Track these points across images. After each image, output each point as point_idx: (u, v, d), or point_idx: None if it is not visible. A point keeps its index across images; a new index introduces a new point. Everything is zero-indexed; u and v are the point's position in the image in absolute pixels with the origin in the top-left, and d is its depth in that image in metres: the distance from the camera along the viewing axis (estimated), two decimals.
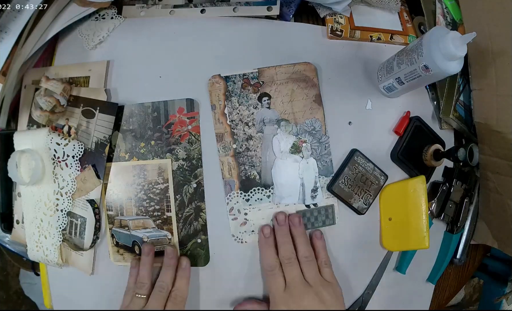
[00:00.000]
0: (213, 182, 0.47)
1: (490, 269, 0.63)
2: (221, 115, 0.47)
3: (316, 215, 0.47)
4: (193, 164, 0.47)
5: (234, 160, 0.47)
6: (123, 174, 0.47)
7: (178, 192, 0.47)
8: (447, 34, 0.36)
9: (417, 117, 0.49)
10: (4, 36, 0.42)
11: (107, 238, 0.48)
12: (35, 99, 0.45)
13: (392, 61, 0.44)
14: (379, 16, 0.51)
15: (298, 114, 0.47)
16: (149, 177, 0.47)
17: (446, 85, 0.49)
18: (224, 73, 0.47)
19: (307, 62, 0.47)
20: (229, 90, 0.47)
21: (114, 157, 0.47)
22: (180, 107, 0.47)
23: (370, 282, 0.49)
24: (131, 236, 0.47)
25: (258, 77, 0.47)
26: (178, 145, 0.47)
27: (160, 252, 0.46)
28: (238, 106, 0.47)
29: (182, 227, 0.47)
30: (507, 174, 0.46)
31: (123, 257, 0.48)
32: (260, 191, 0.47)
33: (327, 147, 0.47)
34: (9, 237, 0.52)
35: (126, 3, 0.51)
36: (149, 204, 0.47)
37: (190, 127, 0.47)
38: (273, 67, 0.47)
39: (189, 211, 0.47)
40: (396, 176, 0.49)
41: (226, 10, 0.49)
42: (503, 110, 0.45)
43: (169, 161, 0.46)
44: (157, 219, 0.47)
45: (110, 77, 0.48)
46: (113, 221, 0.47)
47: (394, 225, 0.48)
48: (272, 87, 0.47)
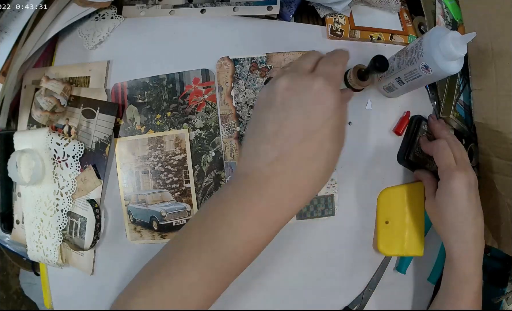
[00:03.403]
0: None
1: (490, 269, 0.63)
2: (227, 97, 0.47)
3: (315, 204, 0.47)
4: (210, 133, 0.47)
5: (237, 142, 0.47)
6: (139, 147, 0.47)
7: (196, 162, 0.46)
8: (447, 34, 0.36)
9: (418, 116, 0.49)
10: (4, 36, 0.42)
11: (123, 216, 0.47)
12: (35, 99, 0.45)
13: (392, 61, 0.44)
14: (379, 16, 0.51)
15: None
16: (166, 148, 0.47)
17: (446, 85, 0.49)
18: (232, 56, 0.47)
19: (316, 51, 0.47)
20: (236, 72, 0.47)
21: (130, 130, 0.47)
22: (195, 77, 0.47)
23: (370, 279, 0.49)
24: (149, 211, 0.47)
25: (266, 62, 0.48)
26: (195, 115, 0.47)
27: (180, 226, 0.46)
28: (245, 89, 0.47)
29: (202, 197, 0.46)
30: (507, 174, 0.46)
31: (141, 234, 0.47)
32: None
33: None
34: (9, 237, 0.52)
35: (126, 3, 0.51)
36: (166, 176, 0.47)
37: (207, 97, 0.47)
38: (282, 53, 0.48)
39: (208, 180, 0.47)
40: (398, 176, 0.49)
41: (226, 10, 0.49)
42: (503, 110, 0.45)
43: (186, 131, 0.46)
44: (176, 191, 0.47)
45: (110, 77, 0.48)
46: (130, 197, 0.47)
47: (391, 229, 0.48)
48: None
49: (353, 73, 0.46)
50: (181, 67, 0.48)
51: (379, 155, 0.49)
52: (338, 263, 0.48)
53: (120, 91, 0.48)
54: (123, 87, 0.48)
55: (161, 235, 0.47)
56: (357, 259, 0.49)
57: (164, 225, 0.46)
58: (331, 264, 0.48)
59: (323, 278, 0.48)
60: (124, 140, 0.47)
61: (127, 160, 0.47)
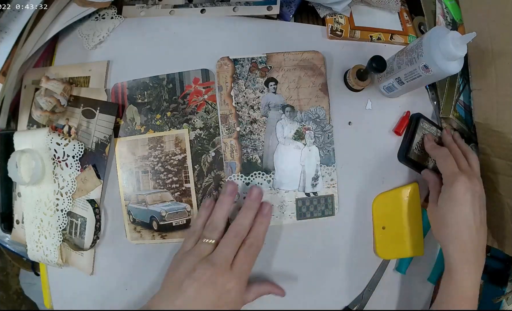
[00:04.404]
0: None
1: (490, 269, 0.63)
2: (227, 97, 0.47)
3: (315, 204, 0.47)
4: (210, 133, 0.47)
5: (237, 142, 0.47)
6: (139, 147, 0.47)
7: (196, 162, 0.46)
8: (447, 34, 0.36)
9: (418, 114, 0.49)
10: (4, 36, 0.42)
11: (123, 216, 0.47)
12: (35, 99, 0.45)
13: (392, 61, 0.44)
14: (379, 16, 0.51)
15: (304, 101, 0.47)
16: (166, 148, 0.47)
17: (446, 85, 0.49)
18: (232, 56, 0.47)
19: (315, 51, 0.48)
20: (236, 72, 0.47)
21: (130, 130, 0.47)
22: (195, 77, 0.47)
23: (370, 279, 0.49)
24: (149, 211, 0.47)
25: (266, 62, 0.48)
26: (195, 115, 0.47)
27: (180, 226, 0.46)
28: (245, 89, 0.47)
29: (202, 197, 0.46)
30: (507, 174, 0.46)
31: (141, 234, 0.47)
32: (261, 175, 0.47)
33: (330, 137, 0.47)
34: (9, 237, 0.52)
35: (126, 3, 0.51)
36: (166, 176, 0.47)
37: (206, 97, 0.47)
38: (282, 53, 0.48)
39: (208, 180, 0.47)
40: (398, 175, 0.49)
41: (226, 10, 0.49)
42: (503, 110, 0.45)
43: (186, 131, 0.46)
44: (176, 191, 0.47)
45: (110, 77, 0.48)
46: (130, 197, 0.47)
47: (388, 233, 0.48)
48: (280, 73, 0.47)
49: (352, 73, 0.46)
50: (181, 67, 0.48)
51: (379, 155, 0.49)
52: (338, 263, 0.48)
53: (120, 91, 0.48)
54: (123, 87, 0.48)
55: (161, 235, 0.47)
56: (357, 259, 0.49)
57: (164, 225, 0.46)
58: (331, 264, 0.48)
59: (323, 278, 0.48)
60: (124, 140, 0.47)
61: (127, 160, 0.47)
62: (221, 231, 0.39)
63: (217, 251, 0.37)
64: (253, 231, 0.40)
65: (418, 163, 0.48)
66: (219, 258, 0.37)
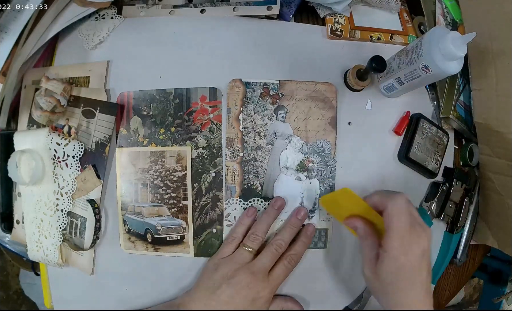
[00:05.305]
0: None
1: (490, 269, 0.63)
2: (235, 120, 0.47)
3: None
4: (213, 153, 0.46)
5: (240, 167, 0.46)
6: (140, 160, 0.47)
7: (196, 181, 0.46)
8: (447, 34, 0.36)
9: (418, 114, 0.49)
10: (4, 36, 0.42)
11: (119, 225, 0.47)
12: (35, 99, 0.45)
13: (392, 61, 0.44)
14: (379, 16, 0.51)
15: (311, 133, 0.47)
16: (167, 163, 0.46)
17: (446, 85, 0.49)
18: (245, 79, 0.47)
19: (329, 83, 0.47)
20: (247, 96, 0.47)
21: (132, 141, 0.47)
22: (202, 95, 0.47)
23: None
24: (144, 224, 0.47)
25: (279, 89, 0.47)
26: (199, 133, 0.46)
27: (174, 241, 0.46)
28: (253, 115, 0.47)
29: (198, 216, 0.46)
30: (507, 174, 0.46)
31: (134, 245, 0.47)
32: (259, 202, 0.46)
33: (333, 172, 0.47)
34: (9, 237, 0.52)
35: (126, 3, 0.51)
36: (165, 191, 0.46)
37: (212, 116, 0.46)
38: (295, 82, 0.47)
39: (206, 200, 0.46)
40: (397, 176, 0.49)
41: (226, 10, 0.49)
42: (503, 110, 0.45)
43: (188, 149, 0.46)
44: (173, 207, 0.47)
45: (110, 77, 0.48)
46: (127, 207, 0.47)
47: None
48: (290, 102, 0.47)
49: (352, 73, 0.46)
50: (182, 66, 0.48)
51: (379, 155, 0.49)
52: (338, 263, 0.48)
53: (126, 101, 0.47)
54: (129, 97, 0.47)
55: (154, 248, 0.47)
56: (357, 259, 0.49)
57: (158, 238, 0.46)
58: (331, 264, 0.48)
59: (323, 278, 0.49)
60: (126, 150, 0.47)
61: (127, 171, 0.47)
62: (261, 241, 0.41)
63: (258, 260, 0.40)
64: (295, 248, 0.42)
65: (419, 163, 0.48)
66: (259, 267, 0.40)
